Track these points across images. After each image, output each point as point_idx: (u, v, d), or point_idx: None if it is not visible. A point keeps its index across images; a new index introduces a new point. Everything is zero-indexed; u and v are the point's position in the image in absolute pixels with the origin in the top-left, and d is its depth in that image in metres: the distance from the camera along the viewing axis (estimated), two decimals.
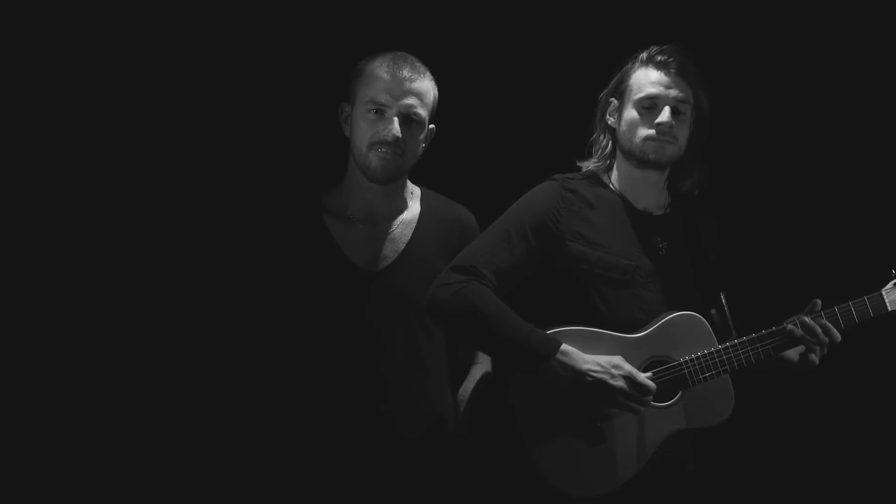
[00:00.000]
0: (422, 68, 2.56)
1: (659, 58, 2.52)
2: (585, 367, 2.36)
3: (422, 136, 2.58)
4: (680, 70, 2.50)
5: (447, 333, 2.57)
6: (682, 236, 2.59)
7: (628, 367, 2.37)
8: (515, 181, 2.62)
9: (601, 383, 2.36)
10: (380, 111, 2.51)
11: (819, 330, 2.44)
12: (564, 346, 2.37)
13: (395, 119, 2.50)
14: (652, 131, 2.49)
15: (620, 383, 2.36)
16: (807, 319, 2.45)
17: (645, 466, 2.42)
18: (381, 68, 2.53)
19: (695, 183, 2.59)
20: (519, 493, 2.42)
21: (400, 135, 2.50)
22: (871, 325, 2.50)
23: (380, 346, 2.52)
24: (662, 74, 2.50)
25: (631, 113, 2.52)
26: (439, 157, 2.73)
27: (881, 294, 2.51)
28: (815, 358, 2.47)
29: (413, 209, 2.65)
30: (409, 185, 2.67)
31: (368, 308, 2.53)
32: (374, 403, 2.51)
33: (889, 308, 2.50)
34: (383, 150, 2.50)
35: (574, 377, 2.37)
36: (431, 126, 2.62)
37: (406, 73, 2.52)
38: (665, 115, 2.48)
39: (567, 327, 2.43)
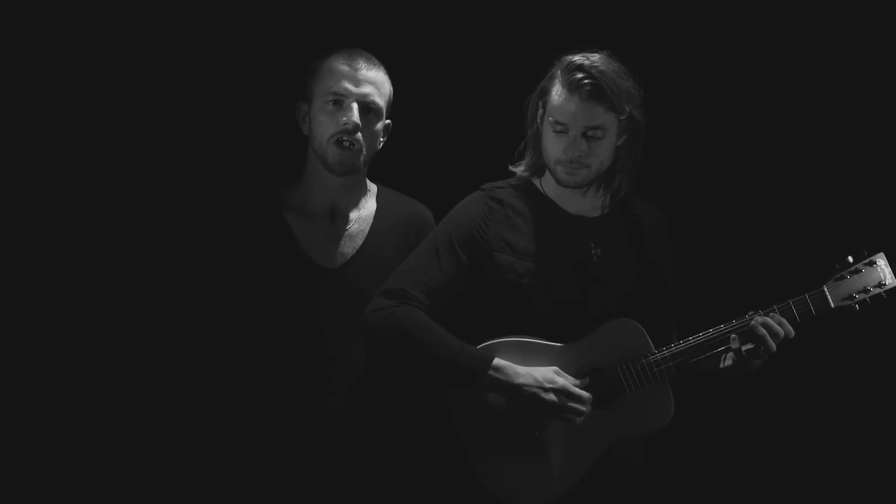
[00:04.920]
0: (376, 61, 2.61)
1: (572, 78, 2.38)
2: (519, 381, 2.35)
3: (379, 127, 2.59)
4: (593, 93, 2.36)
5: (384, 356, 2.56)
6: (621, 237, 2.54)
7: (561, 381, 2.36)
8: (472, 177, 2.61)
9: (534, 397, 2.35)
10: (338, 102, 2.55)
11: (762, 333, 2.37)
12: (497, 362, 2.36)
13: (354, 106, 2.54)
14: (562, 156, 2.42)
15: (552, 397, 2.34)
16: (752, 323, 2.39)
17: (587, 473, 2.41)
18: (336, 61, 2.58)
19: (619, 187, 2.51)
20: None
21: (359, 122, 2.53)
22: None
23: (336, 341, 2.54)
24: (576, 99, 2.37)
25: (547, 130, 2.45)
26: (396, 154, 2.74)
27: (823, 290, 2.44)
28: (758, 362, 2.42)
29: (370, 206, 2.68)
30: (367, 181, 2.70)
31: (326, 304, 2.56)
32: (329, 400, 2.53)
33: (832, 305, 2.43)
34: (344, 139, 2.53)
35: (508, 392, 2.36)
36: (388, 121, 2.64)
37: (362, 63, 2.57)
38: (572, 145, 2.40)
39: (502, 339, 2.42)
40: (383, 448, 2.57)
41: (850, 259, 2.48)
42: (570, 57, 2.43)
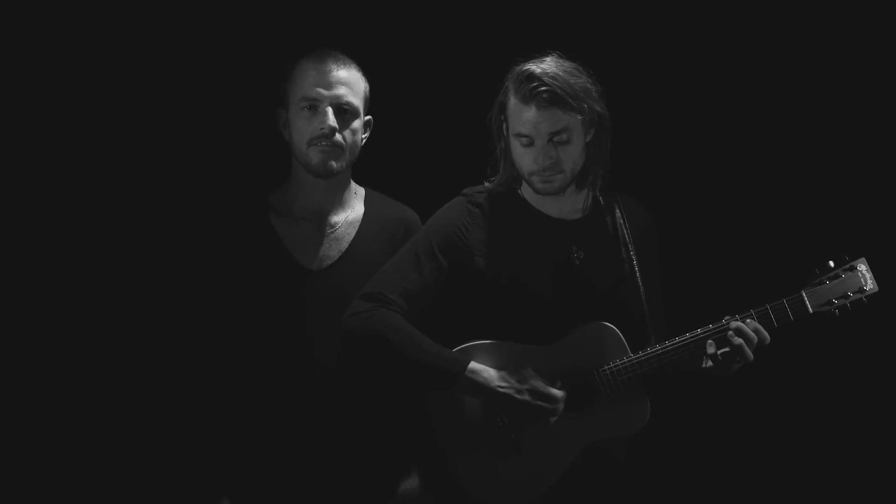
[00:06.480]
0: (347, 59, 2.60)
1: (526, 88, 2.37)
2: (494, 384, 2.38)
3: (357, 125, 2.59)
4: (550, 99, 2.35)
5: (361, 359, 2.57)
6: (603, 239, 2.55)
7: (535, 382, 2.38)
8: (456, 180, 2.63)
9: (508, 398, 2.38)
10: (313, 106, 2.55)
11: (738, 342, 2.37)
12: (473, 365, 2.38)
13: (329, 110, 2.54)
14: (534, 167, 2.42)
15: (526, 397, 2.37)
16: (729, 329, 2.38)
17: (564, 475, 2.43)
18: (307, 65, 2.58)
19: (594, 182, 2.51)
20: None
21: (335, 125, 2.53)
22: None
23: (320, 344, 2.55)
24: (533, 109, 2.37)
25: (514, 144, 2.46)
26: (381, 158, 2.75)
27: (801, 296, 2.43)
28: (735, 366, 2.43)
29: (357, 209, 2.68)
30: (353, 185, 2.70)
31: (311, 306, 2.57)
32: (312, 402, 2.55)
33: (811, 311, 2.43)
34: (323, 143, 2.54)
35: (484, 394, 2.39)
36: (368, 117, 2.65)
37: (331, 64, 2.56)
38: (542, 154, 2.39)
39: (479, 342, 2.44)
40: (365, 449, 2.58)
41: (832, 264, 2.47)
42: (520, 67, 2.43)
